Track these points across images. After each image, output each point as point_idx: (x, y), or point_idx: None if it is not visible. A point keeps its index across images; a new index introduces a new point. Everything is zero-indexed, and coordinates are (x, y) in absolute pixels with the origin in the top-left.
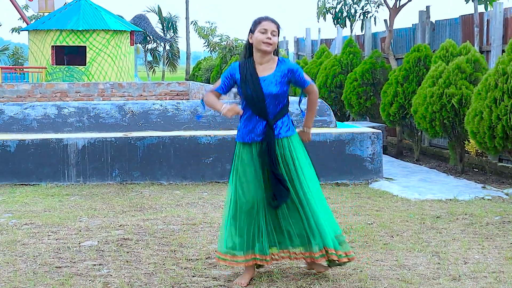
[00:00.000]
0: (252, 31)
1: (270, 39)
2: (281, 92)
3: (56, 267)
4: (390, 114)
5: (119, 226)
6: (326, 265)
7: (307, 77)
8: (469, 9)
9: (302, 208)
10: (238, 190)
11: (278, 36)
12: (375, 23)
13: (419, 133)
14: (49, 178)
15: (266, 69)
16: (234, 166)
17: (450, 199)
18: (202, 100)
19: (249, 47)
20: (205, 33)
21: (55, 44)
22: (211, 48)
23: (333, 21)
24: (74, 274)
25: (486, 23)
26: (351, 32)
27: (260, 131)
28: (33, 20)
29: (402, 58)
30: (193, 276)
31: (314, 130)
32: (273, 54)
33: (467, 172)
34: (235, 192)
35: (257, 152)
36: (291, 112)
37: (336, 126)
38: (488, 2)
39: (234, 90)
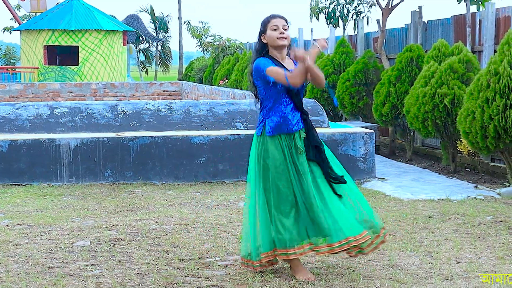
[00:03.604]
0: (263, 31)
1: (284, 33)
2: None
3: (48, 267)
4: (383, 114)
5: (111, 226)
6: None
7: None
8: (461, 9)
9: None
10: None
11: (289, 29)
12: (367, 23)
13: (412, 133)
14: (41, 178)
15: (289, 64)
16: (263, 162)
17: (443, 199)
18: (289, 81)
19: (262, 48)
20: (198, 33)
21: (47, 44)
22: (204, 48)
23: (326, 21)
24: (66, 274)
25: (478, 23)
26: (344, 32)
27: (299, 121)
28: (25, 20)
29: (395, 58)
30: (185, 276)
31: None
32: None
33: (459, 172)
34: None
35: (301, 139)
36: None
37: (329, 126)
38: (480, 3)
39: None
